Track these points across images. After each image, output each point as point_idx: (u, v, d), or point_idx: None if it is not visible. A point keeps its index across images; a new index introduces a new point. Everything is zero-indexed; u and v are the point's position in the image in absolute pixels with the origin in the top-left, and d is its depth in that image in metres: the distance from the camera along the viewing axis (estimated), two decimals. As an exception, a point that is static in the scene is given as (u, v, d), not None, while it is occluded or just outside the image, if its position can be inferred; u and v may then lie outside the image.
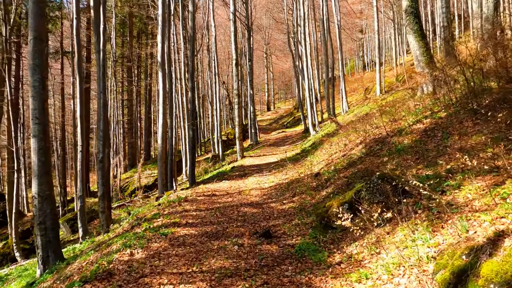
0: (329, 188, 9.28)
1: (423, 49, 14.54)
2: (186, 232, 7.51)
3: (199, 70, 38.27)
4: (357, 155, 10.64)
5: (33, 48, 8.72)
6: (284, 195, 10.30)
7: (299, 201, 9.28)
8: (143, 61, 34.98)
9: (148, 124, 32.64)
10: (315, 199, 8.99)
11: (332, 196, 8.55)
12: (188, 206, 10.05)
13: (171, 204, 10.47)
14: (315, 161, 13.34)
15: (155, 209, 10.41)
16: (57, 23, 30.78)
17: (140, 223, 9.18)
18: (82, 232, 11.57)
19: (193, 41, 18.45)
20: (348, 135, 14.49)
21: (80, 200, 11.52)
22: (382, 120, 11.24)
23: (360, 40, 42.32)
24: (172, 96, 16.44)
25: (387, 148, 9.59)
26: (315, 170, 12.07)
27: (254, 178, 14.16)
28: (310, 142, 21.33)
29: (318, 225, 6.77)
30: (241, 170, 17.56)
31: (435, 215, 4.90)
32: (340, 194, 8.26)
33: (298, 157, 17.62)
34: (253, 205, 9.62)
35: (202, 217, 8.75)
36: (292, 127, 37.18)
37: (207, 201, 10.69)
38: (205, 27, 30.23)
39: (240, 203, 10.02)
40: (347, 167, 10.14)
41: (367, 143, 11.36)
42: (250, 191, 11.52)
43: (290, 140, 28.92)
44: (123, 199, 24.32)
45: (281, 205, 9.35)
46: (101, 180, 11.16)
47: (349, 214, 5.29)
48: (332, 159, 12.36)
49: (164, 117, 14.52)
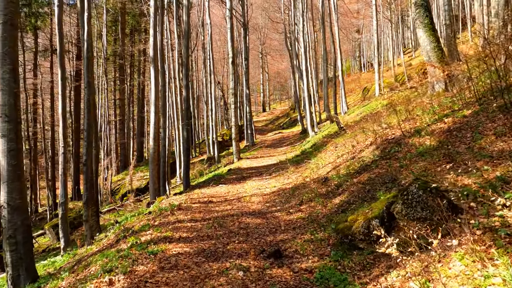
0: (343, 195, 8.07)
1: (434, 44, 13.40)
2: (179, 250, 6.25)
3: (194, 70, 36.95)
4: (369, 158, 9.45)
5: (2, 34, 7.41)
6: (290, 202, 9.07)
7: (308, 210, 8.06)
8: (136, 60, 33.59)
9: (140, 124, 31.23)
10: (327, 208, 7.78)
11: (347, 205, 7.35)
12: (181, 215, 8.78)
13: (162, 213, 9.19)
14: (320, 164, 12.13)
15: (145, 219, 9.13)
16: (46, 20, 29.36)
17: (126, 236, 7.90)
18: (64, 243, 10.26)
19: (187, 37, 17.19)
20: (354, 136, 13.33)
21: (62, 207, 10.21)
22: (398, 118, 10.06)
23: (357, 40, 41.29)
24: (165, 93, 15.16)
25: (406, 150, 8.41)
26: (322, 174, 10.87)
27: (254, 182, 12.93)
28: (310, 143, 20.15)
29: (339, 244, 5.55)
30: (239, 173, 16.32)
31: (504, 239, 3.70)
32: (358, 203, 7.07)
33: (299, 159, 16.42)
34: (256, 215, 8.38)
35: (198, 229, 7.49)
36: (288, 128, 36.01)
37: (203, 209, 9.43)
38: (200, 25, 28.98)
39: (240, 212, 8.77)
40: (360, 171, 8.94)
41: (379, 144, 10.19)
42: (251, 197, 10.28)
43: (287, 141, 27.73)
44: (114, 203, 22.94)
45: (287, 214, 8.13)
46: (85, 185, 9.85)
47: (381, 230, 4.11)
48: (339, 162, 11.16)
49: (157, 115, 13.25)
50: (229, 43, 21.76)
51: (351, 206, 7.23)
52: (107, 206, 22.09)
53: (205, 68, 27.95)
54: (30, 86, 32.07)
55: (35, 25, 28.95)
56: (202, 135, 43.73)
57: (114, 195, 24.12)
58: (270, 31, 42.45)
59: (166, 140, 15.61)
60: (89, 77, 9.78)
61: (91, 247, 8.96)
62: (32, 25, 28.85)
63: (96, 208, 12.66)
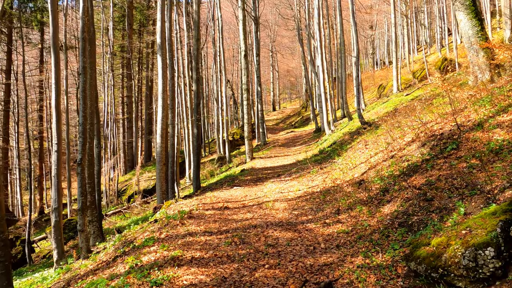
0: (393, 203, 6.35)
1: (477, 28, 11.58)
2: (191, 279, 4.60)
3: (203, 68, 35.37)
4: (417, 157, 7.72)
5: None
6: (323, 210, 7.38)
7: (350, 221, 6.37)
8: (144, 57, 32.08)
9: (148, 123, 29.68)
10: (375, 219, 6.08)
11: (405, 216, 5.64)
12: (193, 226, 7.13)
13: (170, 222, 7.55)
14: (350, 164, 10.41)
15: (149, 229, 7.50)
16: (52, 15, 27.95)
17: (126, 253, 6.28)
18: (57, 255, 8.68)
19: (197, 27, 15.59)
20: (385, 132, 11.60)
21: (54, 214, 8.63)
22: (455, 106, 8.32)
23: (370, 37, 39.38)
24: (174, 87, 13.54)
25: (469, 147, 6.68)
26: (356, 176, 9.16)
27: (273, 185, 11.25)
28: (329, 141, 18.42)
29: (414, 276, 3.86)
30: (254, 174, 14.66)
31: None
32: (423, 216, 5.36)
33: (320, 159, 14.71)
34: (284, 226, 6.70)
35: (214, 246, 5.83)
36: (300, 126, 34.26)
37: (218, 217, 7.77)
38: (210, 18, 27.36)
39: (264, 222, 7.09)
40: (409, 172, 7.22)
41: (424, 141, 8.45)
42: (274, 203, 8.59)
43: (301, 140, 26.02)
44: (120, 204, 21.41)
45: (323, 226, 6.44)
46: (79, 188, 8.27)
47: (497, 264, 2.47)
48: (375, 161, 9.44)
49: (164, 110, 11.64)
50: (241, 35, 20.11)
51: (411, 218, 5.52)
52: (113, 208, 20.56)
53: (215, 64, 26.34)
54: (36, 83, 30.81)
55: (41, 21, 27.57)
56: (212, 134, 42.19)
57: (120, 196, 22.59)
58: (280, 28, 40.77)
59: (175, 138, 14.00)
60: (84, 61, 8.18)
61: (86, 263, 7.36)
62: (37, 21, 27.48)
63: (97, 212, 11.09)
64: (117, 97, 31.51)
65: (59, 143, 8.89)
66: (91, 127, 10.32)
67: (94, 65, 10.64)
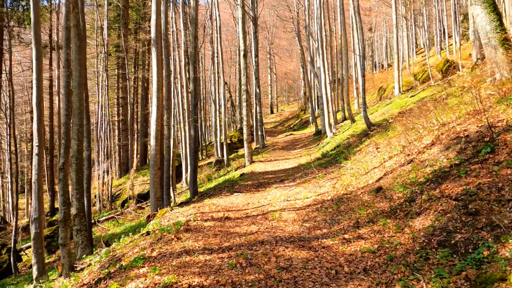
0: (426, 215, 5.37)
1: (495, 23, 10.64)
2: (188, 317, 3.58)
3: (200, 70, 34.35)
4: (442, 162, 6.76)
5: None
6: (339, 222, 6.38)
7: (374, 237, 5.37)
8: (140, 58, 31.02)
9: (145, 125, 28.58)
10: (405, 235, 5.09)
11: (445, 233, 4.64)
12: (190, 241, 6.10)
13: (164, 236, 6.52)
14: (362, 169, 9.43)
15: (141, 244, 6.47)
16: (45, 14, 26.91)
17: (111, 275, 5.24)
18: (37, 271, 7.61)
19: (195, 24, 14.62)
20: (398, 134, 10.65)
21: (34, 225, 7.57)
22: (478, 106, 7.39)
23: (369, 39, 38.57)
24: (170, 85, 12.54)
25: (509, 151, 5.72)
26: (371, 182, 8.18)
27: (277, 191, 10.24)
28: (331, 144, 17.46)
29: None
30: (254, 179, 13.64)
31: None
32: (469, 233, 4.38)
33: (325, 163, 13.75)
34: (296, 243, 5.69)
35: (215, 269, 4.81)
36: (300, 129, 33.30)
37: (219, 230, 6.75)
38: (208, 18, 26.42)
39: (272, 236, 6.08)
40: (437, 179, 6.24)
41: (447, 143, 7.49)
42: (281, 213, 7.58)
43: (301, 143, 25.05)
44: (114, 210, 20.29)
45: (343, 243, 5.44)
46: (61, 196, 7.20)
47: None
48: (390, 166, 8.46)
49: (159, 110, 10.62)
50: (240, 34, 19.15)
51: (453, 236, 4.53)
52: (106, 214, 19.44)
53: (213, 65, 25.34)
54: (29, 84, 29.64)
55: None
56: (209, 137, 41.15)
57: (114, 201, 21.47)
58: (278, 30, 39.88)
59: (171, 140, 12.98)
60: (68, 54, 7.17)
61: (67, 283, 6.31)
62: (30, 20, 26.39)
63: (86, 220, 10.03)
64: (112, 99, 30.42)
65: (41, 145, 7.85)
66: (80, 128, 9.29)
67: (84, 61, 9.62)
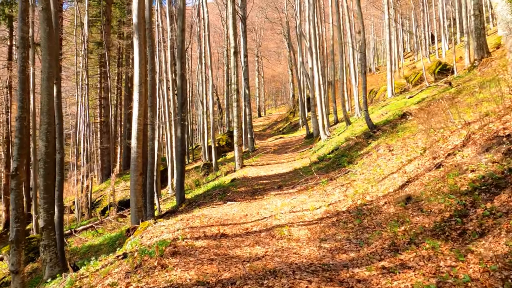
0: (492, 237, 3.99)
1: (517, 13, 9.42)
2: None
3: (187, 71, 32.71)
4: (486, 166, 5.44)
5: None
6: (369, 243, 4.95)
7: (424, 265, 3.96)
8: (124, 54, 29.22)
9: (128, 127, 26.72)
10: (471, 264, 3.71)
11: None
12: (179, 270, 4.58)
13: (145, 262, 4.97)
14: (376, 174, 8.07)
15: (114, 273, 4.92)
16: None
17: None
18: None
19: (182, 16, 13.14)
20: (415, 134, 9.35)
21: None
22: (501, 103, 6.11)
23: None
24: (154, 81, 10.98)
25: None
26: (390, 190, 6.81)
27: (277, 199, 8.78)
28: (327, 148, 16.14)
29: None
30: (248, 185, 12.16)
31: None
32: None
33: (323, 167, 12.39)
34: (320, 274, 4.23)
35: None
36: (289, 132, 31.98)
37: (214, 253, 5.24)
38: (196, 15, 24.91)
39: (286, 263, 4.61)
40: (490, 188, 4.90)
41: (485, 144, 6.21)
42: (289, 229, 6.11)
43: (292, 147, 23.70)
44: (94, 218, 18.45)
45: (384, 275, 4.00)
46: (13, 210, 5.55)
47: None
48: (413, 171, 7.11)
49: (142, 106, 9.06)
50: (231, 31, 17.70)
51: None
52: (84, 222, 17.59)
53: (201, 64, 23.79)
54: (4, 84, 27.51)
55: (9, 15, 24.52)
56: (196, 140, 39.49)
57: (94, 208, 19.62)
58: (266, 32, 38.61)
59: (156, 142, 11.40)
60: (24, 31, 5.60)
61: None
62: (5, 15, 24.43)
63: (56, 234, 8.38)
64: (94, 100, 28.53)
65: None
66: (49, 127, 7.71)
67: (56, 51, 8.02)
